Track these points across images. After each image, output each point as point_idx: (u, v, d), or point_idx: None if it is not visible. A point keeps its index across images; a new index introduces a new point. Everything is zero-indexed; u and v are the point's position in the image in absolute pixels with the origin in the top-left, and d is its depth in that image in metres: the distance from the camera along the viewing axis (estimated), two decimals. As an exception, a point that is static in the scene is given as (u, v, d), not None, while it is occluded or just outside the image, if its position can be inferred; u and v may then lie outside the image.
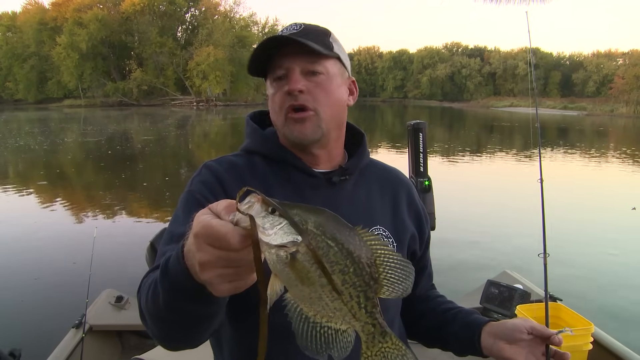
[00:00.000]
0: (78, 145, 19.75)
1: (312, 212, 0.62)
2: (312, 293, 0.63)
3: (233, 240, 0.59)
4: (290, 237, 0.60)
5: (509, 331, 1.08)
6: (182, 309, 0.75)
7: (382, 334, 0.68)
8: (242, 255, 0.60)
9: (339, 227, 0.63)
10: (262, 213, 0.60)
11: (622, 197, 9.80)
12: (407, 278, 0.68)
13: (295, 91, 1.06)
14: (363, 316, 0.66)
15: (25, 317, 4.41)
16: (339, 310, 0.65)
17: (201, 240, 0.61)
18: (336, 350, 0.66)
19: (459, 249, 6.24)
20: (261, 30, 68.97)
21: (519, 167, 13.62)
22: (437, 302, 1.33)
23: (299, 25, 1.11)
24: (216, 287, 0.65)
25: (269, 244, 0.60)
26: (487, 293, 3.14)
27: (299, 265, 0.60)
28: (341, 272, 0.62)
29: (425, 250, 1.31)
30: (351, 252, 0.63)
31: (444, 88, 76.98)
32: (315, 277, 0.61)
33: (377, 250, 0.66)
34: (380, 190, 1.24)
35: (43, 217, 8.34)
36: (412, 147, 3.00)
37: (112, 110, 48.10)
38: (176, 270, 0.71)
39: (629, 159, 15.77)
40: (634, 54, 58.66)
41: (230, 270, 0.63)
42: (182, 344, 0.90)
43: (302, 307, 0.65)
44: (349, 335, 0.66)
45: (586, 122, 35.76)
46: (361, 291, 0.64)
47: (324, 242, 0.61)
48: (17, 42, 61.95)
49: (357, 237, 0.64)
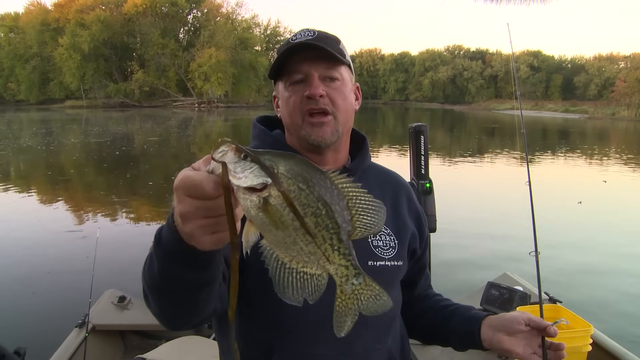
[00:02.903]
0: (82, 146, 19.77)
1: (282, 157, 0.63)
2: (286, 237, 0.63)
3: (207, 187, 0.61)
4: (261, 179, 0.60)
5: (507, 323, 1.13)
6: (175, 276, 0.76)
7: (356, 275, 0.69)
8: (219, 203, 0.61)
9: (309, 170, 0.63)
10: (234, 159, 0.61)
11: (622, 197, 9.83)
12: (379, 218, 0.68)
13: (316, 96, 1.10)
14: (336, 258, 0.67)
15: (29, 316, 4.44)
16: (313, 253, 0.65)
17: (180, 192, 0.63)
18: (310, 294, 0.67)
19: (459, 251, 6.25)
20: (263, 32, 69.15)
21: (520, 169, 13.61)
22: (436, 300, 1.37)
23: (313, 32, 1.15)
24: (198, 240, 0.66)
25: (239, 187, 0.60)
26: (487, 295, 3.15)
27: (271, 209, 0.61)
28: (313, 214, 0.63)
29: (424, 251, 1.35)
30: (323, 195, 0.63)
31: (446, 90, 77.03)
32: (288, 221, 0.62)
33: (349, 193, 0.67)
34: (381, 191, 1.28)
35: (47, 217, 8.38)
36: (414, 150, 3.01)
37: (114, 112, 48.15)
38: (168, 237, 0.73)
39: (630, 163, 15.76)
40: (635, 57, 58.60)
41: (210, 220, 0.64)
42: (182, 321, 0.92)
43: (277, 254, 0.65)
44: (323, 278, 0.67)
45: (587, 126, 35.75)
46: (334, 233, 0.65)
47: (295, 185, 0.62)
48: (19, 42, 62.07)
49: (329, 180, 0.65)
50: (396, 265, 1.19)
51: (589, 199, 9.78)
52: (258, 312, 1.12)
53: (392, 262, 1.18)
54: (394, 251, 1.19)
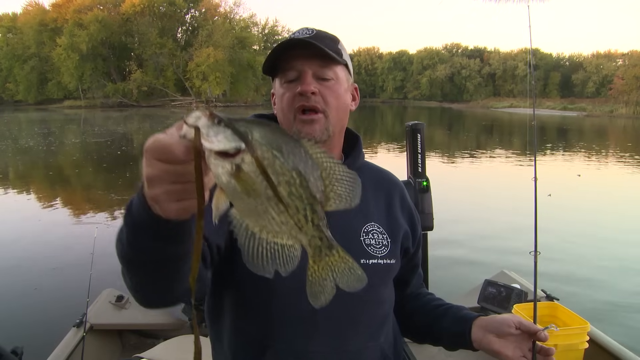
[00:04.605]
0: (82, 146, 19.78)
1: (257, 124, 0.61)
2: (258, 206, 0.61)
3: (177, 150, 0.59)
4: (234, 143, 0.58)
5: (497, 324, 1.13)
6: (143, 246, 0.75)
7: (329, 247, 0.67)
8: (188, 169, 0.59)
9: (284, 138, 0.61)
10: (208, 124, 0.59)
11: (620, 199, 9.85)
12: (354, 191, 0.67)
13: (308, 92, 1.11)
14: (310, 229, 0.65)
15: (27, 315, 4.44)
16: (285, 224, 0.63)
17: (149, 155, 0.61)
18: (282, 266, 0.65)
19: (456, 249, 6.26)
20: (261, 31, 69.11)
21: (517, 167, 13.64)
22: (428, 299, 1.37)
23: (311, 30, 1.15)
24: (163, 206, 0.65)
25: (211, 151, 0.58)
26: (484, 292, 3.17)
27: (244, 176, 0.59)
28: (287, 183, 0.61)
29: (416, 249, 1.35)
30: (297, 164, 0.61)
31: (444, 89, 76.97)
32: (260, 189, 0.60)
33: (323, 163, 0.65)
34: (375, 190, 1.28)
35: (45, 217, 8.39)
36: (411, 148, 3.02)
37: (112, 111, 48.10)
38: (137, 205, 0.71)
39: (629, 160, 15.79)
40: (633, 55, 58.56)
41: (177, 186, 0.62)
42: (154, 296, 0.90)
43: (248, 223, 0.63)
44: (295, 250, 0.65)
45: (585, 123, 35.79)
46: (308, 204, 0.63)
47: (270, 152, 0.60)
48: (17, 43, 61.94)
49: (303, 150, 0.63)
50: (389, 264, 1.19)
51: (589, 200, 9.81)
52: (250, 308, 1.13)
53: (385, 260, 1.18)
54: (386, 249, 1.19)
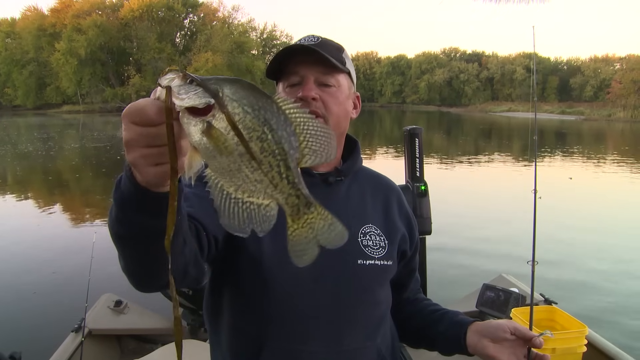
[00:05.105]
0: (81, 150, 19.74)
1: (228, 81, 0.60)
2: (231, 164, 0.61)
3: (150, 111, 0.60)
4: (204, 99, 0.58)
5: (493, 329, 1.14)
6: (130, 220, 0.75)
7: (307, 204, 0.66)
8: (163, 130, 0.59)
9: (256, 94, 0.60)
10: (179, 83, 0.59)
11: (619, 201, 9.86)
12: (328, 144, 0.65)
13: (308, 98, 1.13)
14: (285, 187, 0.63)
15: (25, 320, 4.43)
16: (259, 182, 0.63)
17: (126, 120, 0.62)
18: (258, 225, 0.64)
19: (455, 253, 6.27)
20: (260, 36, 69.25)
21: (515, 172, 13.66)
22: (425, 304, 1.38)
23: (317, 38, 1.18)
24: (142, 170, 0.65)
25: (182, 108, 0.58)
26: (483, 297, 3.16)
27: (215, 132, 0.58)
28: (259, 139, 0.60)
29: (414, 253, 1.36)
30: (269, 119, 0.60)
31: (442, 93, 77.11)
32: (232, 146, 0.59)
33: (297, 119, 0.63)
34: (372, 193, 1.30)
35: (45, 221, 8.37)
36: (409, 153, 3.03)
37: (111, 116, 48.04)
38: (124, 179, 0.72)
39: (626, 164, 15.82)
40: (631, 59, 58.87)
41: (153, 150, 0.63)
42: (144, 277, 0.89)
43: (222, 183, 0.63)
44: (272, 209, 0.64)
45: (583, 127, 35.87)
46: (281, 160, 0.62)
47: (240, 107, 0.59)
48: (16, 48, 62.12)
49: (275, 105, 0.61)
50: (386, 265, 1.20)
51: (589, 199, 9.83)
52: (248, 307, 1.13)
53: (382, 261, 1.19)
54: (383, 251, 1.20)
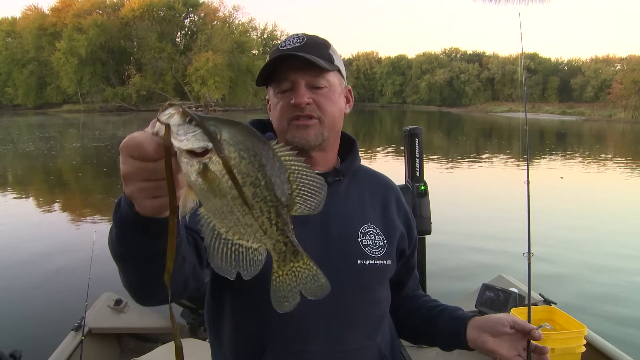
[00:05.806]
0: (82, 150, 19.75)
1: (228, 124, 0.61)
2: (223, 206, 0.62)
3: (148, 147, 0.61)
4: (202, 143, 0.59)
5: (492, 324, 1.14)
6: (130, 242, 0.76)
7: (294, 253, 0.67)
8: (160, 166, 0.60)
9: (253, 139, 0.61)
10: (179, 122, 0.60)
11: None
12: (319, 194, 0.66)
13: (302, 104, 1.13)
14: (274, 233, 0.65)
15: (25, 319, 4.43)
16: (249, 226, 0.63)
17: (124, 153, 0.63)
18: (245, 269, 0.65)
19: (454, 253, 6.28)
20: (260, 36, 69.22)
21: (515, 171, 13.65)
22: (424, 301, 1.39)
23: (301, 38, 1.17)
24: (139, 203, 0.67)
25: (180, 149, 0.59)
26: (482, 296, 3.16)
27: (210, 175, 0.59)
28: (252, 184, 0.61)
29: (412, 252, 1.37)
30: (263, 165, 0.61)
31: (443, 93, 77.02)
32: (226, 189, 0.60)
33: (291, 166, 0.64)
34: (371, 193, 1.30)
35: (45, 220, 8.40)
36: (408, 153, 3.04)
37: (111, 116, 48.10)
38: (124, 203, 0.73)
39: (625, 164, 15.82)
40: (632, 60, 58.76)
41: (151, 183, 0.64)
42: (146, 293, 0.90)
43: (215, 223, 0.64)
44: (260, 254, 0.65)
45: (584, 127, 35.84)
46: (272, 206, 0.63)
47: (236, 152, 0.60)
48: (16, 47, 62.00)
49: (271, 151, 0.63)
50: (385, 264, 1.21)
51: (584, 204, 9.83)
52: (249, 308, 1.14)
53: (381, 261, 1.20)
54: (383, 250, 1.21)
